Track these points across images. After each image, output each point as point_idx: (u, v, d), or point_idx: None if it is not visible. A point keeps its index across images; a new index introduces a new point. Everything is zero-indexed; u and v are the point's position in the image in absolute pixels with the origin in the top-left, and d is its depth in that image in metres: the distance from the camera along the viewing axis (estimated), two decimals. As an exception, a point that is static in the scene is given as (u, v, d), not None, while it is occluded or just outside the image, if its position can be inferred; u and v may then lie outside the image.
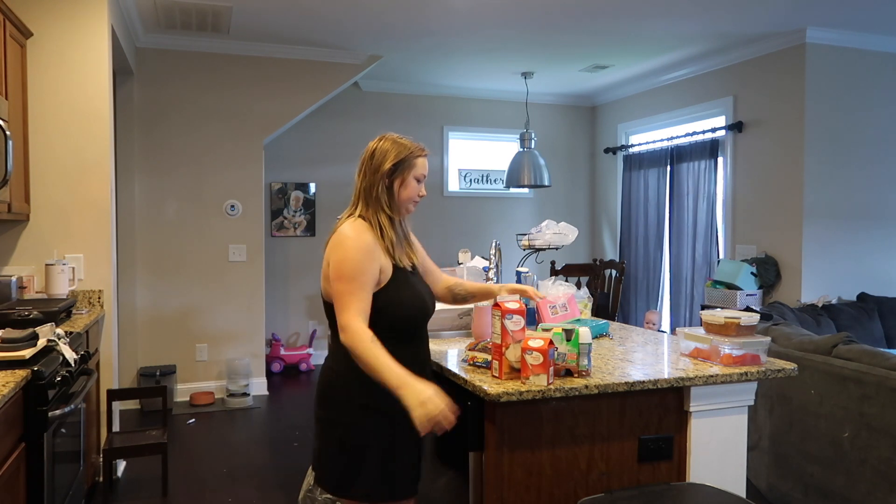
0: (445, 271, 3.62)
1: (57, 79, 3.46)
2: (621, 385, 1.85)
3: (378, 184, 1.88)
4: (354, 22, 4.60)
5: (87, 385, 2.62)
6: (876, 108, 4.93)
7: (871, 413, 2.64)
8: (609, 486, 1.90)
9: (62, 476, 2.46)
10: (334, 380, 1.85)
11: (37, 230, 3.44)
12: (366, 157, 1.93)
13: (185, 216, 5.10)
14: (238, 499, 3.34)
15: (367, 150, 1.94)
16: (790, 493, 3.03)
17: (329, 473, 1.85)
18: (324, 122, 6.07)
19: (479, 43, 5.08)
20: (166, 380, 4.85)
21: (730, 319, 2.06)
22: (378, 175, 1.88)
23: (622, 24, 4.65)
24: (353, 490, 1.82)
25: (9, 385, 1.94)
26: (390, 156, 1.89)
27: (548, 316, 2.66)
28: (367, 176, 1.90)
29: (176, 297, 5.08)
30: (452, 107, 6.67)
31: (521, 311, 1.88)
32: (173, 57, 5.03)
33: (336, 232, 1.86)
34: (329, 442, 1.85)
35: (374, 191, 1.88)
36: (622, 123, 6.76)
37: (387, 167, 1.88)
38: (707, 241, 5.54)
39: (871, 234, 4.97)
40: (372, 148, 1.93)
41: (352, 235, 1.81)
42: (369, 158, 1.91)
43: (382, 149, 1.90)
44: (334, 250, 1.82)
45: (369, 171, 1.90)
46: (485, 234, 6.64)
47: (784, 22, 4.55)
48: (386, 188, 1.89)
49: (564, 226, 3.40)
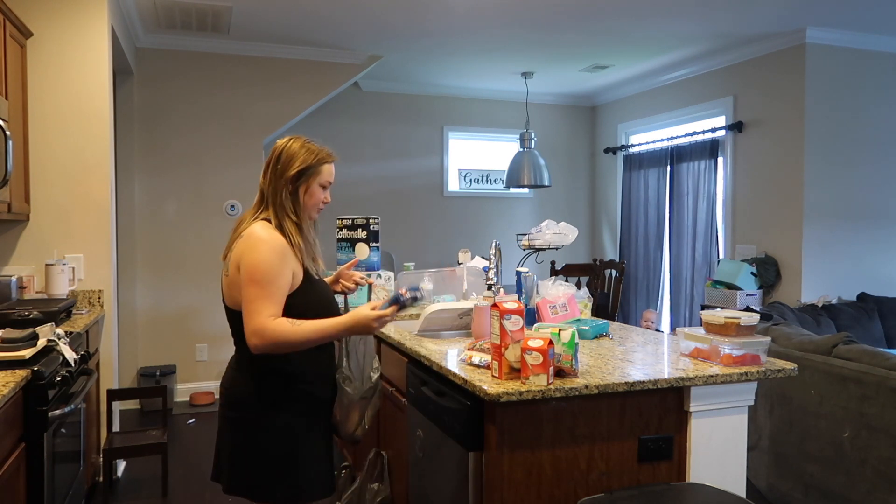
0: (445, 271, 3.63)
1: (57, 79, 3.46)
2: (621, 385, 1.85)
3: (282, 189, 1.80)
4: (354, 22, 4.60)
5: (87, 385, 2.62)
6: (876, 108, 4.93)
7: (871, 413, 2.64)
8: (609, 486, 1.90)
9: (62, 476, 2.46)
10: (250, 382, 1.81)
11: (37, 230, 3.44)
12: (272, 159, 1.83)
13: (185, 216, 5.10)
14: (238, 499, 3.33)
15: (273, 150, 1.85)
16: (790, 493, 3.03)
17: (255, 480, 1.80)
18: (324, 122, 6.07)
19: (479, 43, 5.08)
20: (166, 380, 4.85)
21: (730, 319, 2.06)
22: (283, 180, 1.80)
23: (622, 24, 4.65)
24: (281, 493, 1.80)
25: (9, 385, 1.94)
26: (296, 161, 1.81)
27: (548, 316, 2.66)
28: (272, 180, 1.82)
29: (176, 297, 5.08)
30: (452, 107, 6.67)
31: (520, 312, 1.88)
32: (173, 57, 5.03)
33: (245, 234, 1.76)
34: (250, 446, 1.80)
35: (279, 196, 1.80)
36: (622, 123, 6.76)
37: (292, 173, 1.80)
38: (707, 241, 5.53)
39: (871, 234, 4.97)
40: (279, 150, 1.83)
41: (265, 237, 1.73)
42: (275, 161, 1.82)
43: (289, 152, 1.82)
44: (247, 253, 1.72)
45: (274, 175, 1.82)
46: (485, 234, 6.64)
47: (784, 22, 4.55)
48: (290, 194, 1.81)
49: (564, 226, 3.40)
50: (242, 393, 1.82)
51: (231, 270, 1.78)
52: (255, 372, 1.80)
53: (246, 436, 1.80)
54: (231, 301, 1.80)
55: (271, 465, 1.80)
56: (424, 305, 3.18)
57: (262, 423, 1.79)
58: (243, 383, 1.82)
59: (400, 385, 2.58)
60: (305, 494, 1.83)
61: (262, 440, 1.79)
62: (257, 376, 1.80)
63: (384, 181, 6.35)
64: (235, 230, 1.85)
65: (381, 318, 1.75)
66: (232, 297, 1.79)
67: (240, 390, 1.82)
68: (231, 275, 1.77)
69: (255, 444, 1.80)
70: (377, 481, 2.70)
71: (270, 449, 1.79)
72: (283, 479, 1.80)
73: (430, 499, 2.26)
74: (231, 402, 1.84)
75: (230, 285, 1.79)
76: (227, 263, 1.81)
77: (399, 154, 6.48)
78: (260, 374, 1.80)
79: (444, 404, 2.06)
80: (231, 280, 1.78)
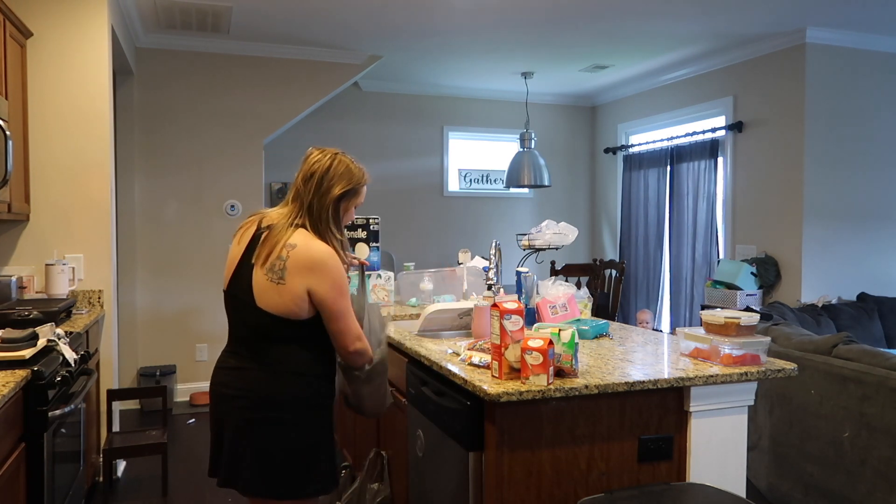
0: (445, 271, 3.63)
1: (57, 79, 3.46)
2: (621, 385, 1.85)
3: (329, 206, 1.86)
4: (354, 22, 4.60)
5: (87, 385, 2.62)
6: (876, 108, 4.93)
7: (871, 413, 2.64)
8: (609, 486, 1.90)
9: (62, 476, 2.46)
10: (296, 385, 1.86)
11: (37, 230, 3.44)
12: (320, 172, 1.87)
13: (186, 216, 5.10)
14: (238, 499, 3.34)
15: (320, 163, 1.88)
16: (790, 493, 3.03)
17: (282, 478, 1.83)
18: (324, 122, 6.07)
19: (479, 43, 5.08)
20: (166, 380, 4.86)
21: (730, 319, 2.06)
22: (329, 197, 1.86)
23: (622, 24, 4.65)
24: (308, 488, 1.86)
25: (9, 385, 1.94)
26: (343, 181, 1.88)
27: (548, 316, 2.66)
28: (315, 193, 1.86)
29: (176, 297, 5.08)
30: (452, 107, 6.67)
31: (520, 312, 1.88)
32: (173, 57, 5.03)
33: (305, 246, 1.79)
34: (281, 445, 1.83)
35: (325, 213, 1.86)
36: (622, 123, 6.76)
37: (337, 192, 1.87)
38: (707, 241, 5.53)
39: (871, 234, 4.97)
40: (327, 165, 1.88)
41: (331, 253, 1.82)
42: (322, 175, 1.86)
43: (337, 171, 1.88)
44: (326, 271, 1.79)
45: (318, 189, 1.86)
46: (485, 234, 6.64)
47: (784, 22, 4.55)
48: (334, 211, 1.88)
49: (564, 226, 3.40)
50: (275, 393, 1.83)
51: (290, 280, 1.77)
52: (291, 373, 1.85)
53: (278, 435, 1.83)
54: (275, 306, 1.79)
55: (299, 463, 1.84)
56: (424, 305, 3.18)
57: (295, 423, 1.84)
58: (277, 384, 1.84)
59: (400, 385, 2.58)
60: (325, 486, 1.90)
61: (293, 439, 1.83)
62: (293, 377, 1.85)
63: (384, 181, 6.35)
64: (270, 233, 1.84)
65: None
66: (287, 308, 1.79)
67: (271, 391, 1.84)
68: (289, 284, 1.77)
69: (286, 443, 1.83)
70: (377, 481, 2.70)
71: (299, 447, 1.84)
72: (308, 475, 1.85)
73: (430, 499, 2.26)
74: (258, 404, 1.83)
75: (282, 293, 1.78)
76: (275, 270, 1.78)
77: (399, 154, 6.48)
78: (296, 375, 1.85)
79: (444, 404, 2.06)
80: (288, 289, 1.78)
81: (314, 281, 1.78)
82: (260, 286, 1.80)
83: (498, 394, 1.74)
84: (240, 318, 1.88)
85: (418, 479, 2.37)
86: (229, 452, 1.86)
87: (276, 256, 1.79)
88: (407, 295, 3.57)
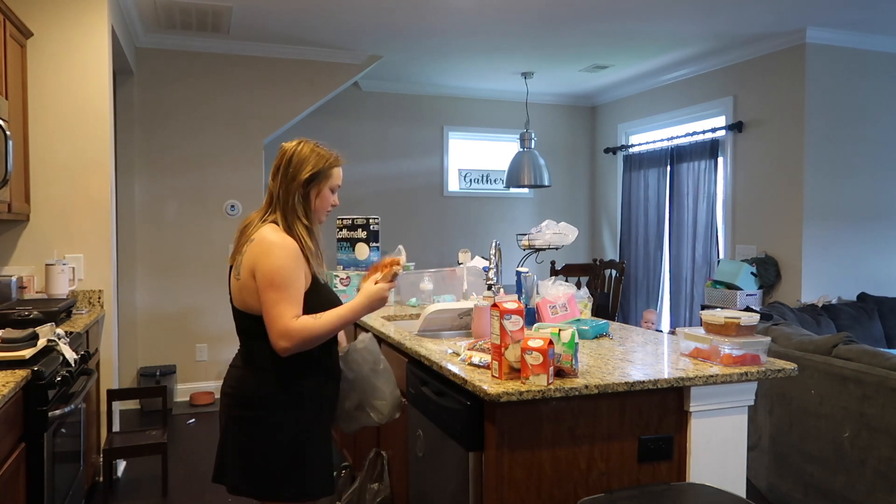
0: (445, 271, 3.63)
1: (57, 79, 3.46)
2: (621, 385, 1.85)
3: (294, 193, 1.84)
4: (354, 22, 4.60)
5: (87, 385, 2.62)
6: (876, 108, 4.93)
7: (871, 413, 2.64)
8: (609, 486, 1.89)
9: (62, 476, 2.46)
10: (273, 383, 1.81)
11: (37, 230, 3.44)
12: (282, 162, 1.87)
13: (186, 216, 5.10)
14: (238, 499, 3.33)
15: (283, 152, 1.88)
16: (790, 493, 3.03)
17: (262, 478, 1.80)
18: (324, 122, 6.07)
19: (479, 43, 5.08)
20: (166, 380, 4.86)
21: (730, 319, 2.06)
22: (295, 184, 1.84)
23: (622, 24, 4.65)
24: (291, 490, 1.82)
25: (9, 385, 1.94)
26: (307, 165, 1.85)
27: (548, 316, 2.66)
28: (282, 183, 1.85)
29: (176, 297, 5.08)
30: (452, 107, 6.67)
31: (520, 312, 1.88)
32: (173, 57, 5.03)
33: (257, 239, 1.78)
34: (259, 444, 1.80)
35: (291, 200, 1.84)
36: (622, 123, 6.76)
37: (304, 177, 1.84)
38: (707, 241, 5.54)
39: (871, 234, 4.97)
40: (289, 153, 1.87)
41: (278, 241, 1.77)
42: (286, 164, 1.86)
43: (300, 156, 1.86)
44: (262, 258, 1.75)
45: (285, 179, 1.85)
46: (485, 234, 6.64)
47: (784, 22, 4.55)
48: (302, 197, 1.85)
49: (564, 226, 3.40)
50: (252, 391, 1.82)
51: (244, 275, 1.79)
52: (267, 371, 1.81)
53: (255, 434, 1.81)
54: (241, 304, 1.82)
55: (280, 464, 1.81)
56: (424, 305, 3.18)
57: (273, 422, 1.80)
58: (253, 382, 1.83)
59: (400, 385, 2.57)
60: (311, 493, 1.85)
61: (271, 438, 1.80)
62: (269, 375, 1.81)
63: (384, 181, 6.36)
64: (243, 233, 1.87)
65: (388, 287, 1.87)
66: (243, 301, 1.81)
67: (249, 389, 1.83)
68: (243, 279, 1.79)
69: (264, 442, 1.80)
70: (377, 481, 2.70)
71: (280, 447, 1.81)
72: (291, 477, 1.82)
73: (430, 499, 2.26)
74: (240, 402, 1.84)
75: (241, 289, 1.80)
76: (237, 267, 1.82)
77: (399, 154, 6.48)
78: (271, 372, 1.81)
79: (444, 404, 2.06)
80: (243, 284, 1.79)
81: (255, 267, 1.76)
82: (232, 284, 1.85)
83: (498, 394, 1.74)
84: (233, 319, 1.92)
85: (418, 479, 2.37)
86: (220, 450, 1.89)
87: (239, 252, 1.82)
88: (407, 295, 3.57)
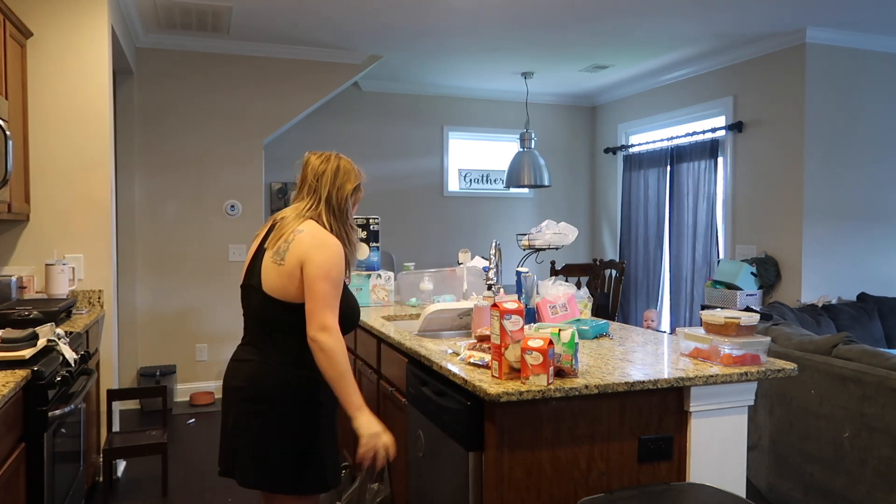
0: (445, 271, 3.63)
1: (57, 79, 3.46)
2: (621, 385, 1.85)
3: (344, 201, 1.98)
4: (354, 22, 4.60)
5: (87, 385, 2.62)
6: (876, 108, 4.93)
7: (871, 413, 2.64)
8: (609, 486, 1.89)
9: (62, 476, 2.46)
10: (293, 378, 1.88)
11: (37, 230, 3.44)
12: (331, 168, 1.98)
13: (186, 216, 5.10)
14: (238, 499, 3.34)
15: (329, 162, 1.99)
16: (790, 493, 3.03)
17: (276, 472, 1.85)
18: (324, 122, 6.08)
19: (479, 43, 5.08)
20: (166, 380, 4.86)
21: (730, 319, 2.05)
22: (343, 192, 1.97)
23: (622, 24, 4.65)
24: (304, 484, 1.87)
25: (9, 385, 1.94)
26: (352, 178, 2.01)
27: (548, 316, 2.66)
28: (331, 189, 1.96)
29: (176, 297, 5.08)
30: (452, 107, 6.67)
31: (520, 312, 1.88)
32: (173, 57, 5.03)
33: (310, 231, 1.88)
34: (276, 438, 1.85)
35: (343, 204, 1.97)
36: (622, 123, 6.76)
37: (350, 188, 1.99)
38: (707, 241, 5.53)
39: (871, 234, 4.97)
40: (336, 164, 1.99)
41: (332, 241, 1.89)
42: (335, 171, 1.98)
43: (345, 168, 2.00)
44: (319, 250, 1.84)
45: (334, 184, 1.97)
46: (485, 234, 6.64)
47: (784, 22, 4.55)
48: (348, 204, 2.00)
49: (564, 226, 3.40)
50: (273, 386, 1.86)
51: (290, 262, 1.84)
52: (288, 365, 1.87)
53: (274, 428, 1.85)
54: (280, 291, 1.87)
55: (299, 457, 1.85)
56: (425, 305, 3.18)
57: (294, 416, 1.85)
58: (274, 376, 1.87)
59: (400, 385, 2.58)
60: (322, 483, 1.91)
61: (291, 432, 1.85)
62: (291, 369, 1.87)
63: (384, 181, 6.35)
64: (279, 223, 1.93)
65: (384, 449, 1.85)
66: (283, 287, 1.86)
67: (270, 383, 1.87)
68: (289, 266, 1.84)
69: (283, 435, 1.85)
70: (377, 481, 2.70)
71: (298, 439, 1.86)
72: (308, 469, 1.87)
73: (430, 499, 2.26)
74: (257, 396, 1.87)
75: (284, 275, 1.85)
76: (280, 253, 1.87)
77: (399, 154, 6.48)
78: (293, 366, 1.87)
79: (444, 404, 2.06)
80: (289, 271, 1.84)
81: (307, 257, 1.83)
82: (266, 269, 1.89)
83: (498, 394, 1.74)
84: (250, 307, 1.94)
85: (418, 479, 2.37)
86: (230, 443, 1.90)
87: (284, 240, 1.88)
88: (407, 295, 3.57)
